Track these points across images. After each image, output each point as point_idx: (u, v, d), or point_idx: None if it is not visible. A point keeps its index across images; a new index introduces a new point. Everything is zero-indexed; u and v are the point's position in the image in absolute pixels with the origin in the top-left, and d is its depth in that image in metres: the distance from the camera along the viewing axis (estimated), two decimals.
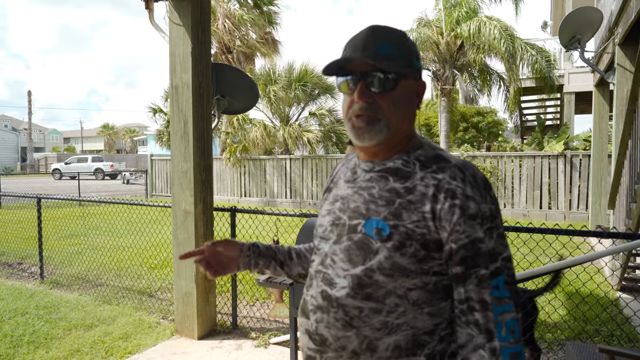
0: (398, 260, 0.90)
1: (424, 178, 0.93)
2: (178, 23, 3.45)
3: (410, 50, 0.99)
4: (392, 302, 0.92)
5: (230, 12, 14.54)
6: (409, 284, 0.91)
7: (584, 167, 9.76)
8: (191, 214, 3.49)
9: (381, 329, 0.92)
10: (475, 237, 0.88)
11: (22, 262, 6.26)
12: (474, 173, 0.92)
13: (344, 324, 0.94)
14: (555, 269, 2.58)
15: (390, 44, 0.96)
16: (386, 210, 0.93)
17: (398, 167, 0.97)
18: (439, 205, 0.89)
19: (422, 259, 0.90)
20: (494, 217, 0.90)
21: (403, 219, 0.91)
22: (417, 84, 1.01)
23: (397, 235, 0.90)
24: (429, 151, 0.98)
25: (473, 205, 0.88)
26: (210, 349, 3.40)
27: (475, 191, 0.89)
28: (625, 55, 5.30)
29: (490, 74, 13.57)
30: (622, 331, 3.55)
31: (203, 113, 3.55)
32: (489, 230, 0.88)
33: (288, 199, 13.34)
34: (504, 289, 0.88)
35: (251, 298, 4.64)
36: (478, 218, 0.88)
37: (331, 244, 1.01)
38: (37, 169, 42.18)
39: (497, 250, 0.89)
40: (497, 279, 0.87)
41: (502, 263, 0.89)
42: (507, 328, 0.86)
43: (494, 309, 0.86)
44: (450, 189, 0.89)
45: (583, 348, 2.35)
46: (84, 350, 3.34)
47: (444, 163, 0.94)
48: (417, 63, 0.99)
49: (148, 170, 16.04)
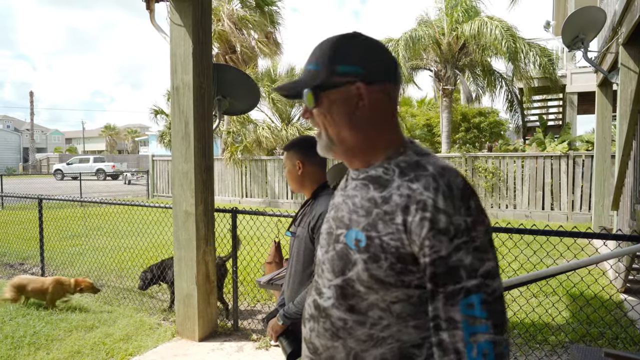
0: (375, 273, 0.87)
1: (400, 187, 0.87)
2: (179, 24, 3.43)
3: (332, 55, 0.92)
4: (376, 315, 0.89)
5: (232, 12, 14.54)
6: (391, 297, 0.88)
7: (587, 168, 9.71)
8: (192, 215, 3.48)
9: (367, 341, 0.90)
10: (444, 254, 0.81)
11: (24, 263, 6.25)
12: (449, 182, 0.84)
13: (331, 334, 0.94)
14: (560, 271, 2.56)
15: (315, 59, 0.94)
16: (365, 220, 0.90)
17: (379, 175, 0.93)
18: (410, 217, 0.83)
19: (400, 272, 0.86)
20: (469, 229, 0.81)
21: (379, 231, 0.87)
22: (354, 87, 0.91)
23: (373, 247, 0.87)
24: (411, 157, 0.92)
25: (444, 218, 0.81)
26: (211, 350, 3.38)
27: (448, 203, 0.82)
28: (629, 55, 5.27)
29: (492, 74, 13.54)
30: (627, 334, 3.51)
31: (204, 114, 3.53)
32: (464, 245, 0.81)
33: (290, 200, 13.32)
34: (481, 309, 0.80)
35: (252, 300, 4.62)
36: (449, 233, 0.81)
37: (323, 252, 1.01)
38: (39, 170, 42.25)
39: (474, 266, 0.81)
40: (471, 297, 0.80)
41: (481, 280, 0.81)
42: (479, 350, 0.78)
43: (465, 328, 0.79)
44: (422, 200, 0.83)
45: (588, 351, 2.32)
46: (85, 351, 3.32)
47: (420, 171, 0.87)
48: (347, 67, 0.92)
49: (149, 171, 16.05)
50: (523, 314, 3.87)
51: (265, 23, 14.88)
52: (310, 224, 1.78)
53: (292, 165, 1.88)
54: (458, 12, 12.47)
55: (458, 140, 14.90)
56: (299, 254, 1.83)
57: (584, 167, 9.78)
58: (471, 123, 15.34)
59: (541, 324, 3.79)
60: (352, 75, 0.92)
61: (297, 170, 1.86)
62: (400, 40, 12.37)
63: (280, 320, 1.77)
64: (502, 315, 0.82)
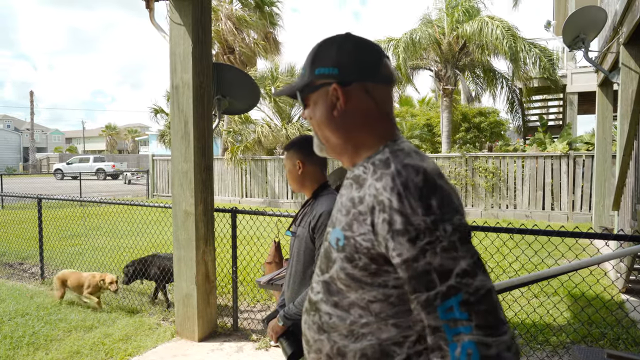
0: (351, 272, 0.89)
1: (370, 186, 0.86)
2: (178, 22, 3.42)
3: (314, 61, 0.95)
4: (357, 313, 0.91)
5: (232, 12, 14.52)
6: (369, 296, 0.89)
7: (587, 168, 9.70)
8: (192, 214, 3.46)
9: (348, 336, 0.92)
10: (408, 257, 0.77)
11: (23, 263, 6.24)
12: (406, 180, 0.80)
13: (318, 327, 0.97)
14: (562, 272, 2.54)
15: (304, 63, 1.00)
16: (345, 220, 0.91)
17: (359, 174, 0.93)
18: (376, 218, 0.82)
19: (374, 272, 0.86)
20: (432, 229, 0.76)
21: (354, 231, 0.88)
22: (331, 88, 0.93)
23: (348, 247, 0.88)
24: (385, 154, 0.90)
25: (399, 219, 0.78)
26: (210, 351, 3.37)
27: (404, 202, 0.78)
28: (630, 55, 5.26)
29: (493, 74, 13.52)
30: (629, 335, 3.50)
31: (204, 113, 3.52)
32: (429, 245, 0.76)
33: (290, 200, 13.31)
34: (461, 311, 0.75)
35: (252, 300, 4.60)
36: (408, 234, 0.77)
37: None
38: (39, 169, 42.24)
39: (446, 266, 0.76)
40: (449, 300, 0.76)
41: (457, 280, 0.76)
42: (463, 350, 0.75)
43: (447, 331, 0.77)
44: (382, 200, 0.81)
45: (590, 353, 2.31)
46: (84, 352, 3.31)
47: (384, 169, 0.85)
48: (323, 70, 0.94)
49: (149, 171, 16.03)
50: (524, 315, 3.86)
51: (265, 23, 14.87)
52: (310, 224, 1.77)
53: (292, 165, 1.88)
54: (459, 12, 12.46)
55: (458, 140, 14.89)
56: (299, 254, 1.82)
57: (584, 167, 9.77)
58: (471, 123, 15.33)
59: (542, 325, 3.78)
60: (328, 77, 0.94)
61: (297, 170, 1.86)
62: (401, 40, 12.36)
63: (281, 321, 1.76)
64: (489, 315, 0.76)
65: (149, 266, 4.42)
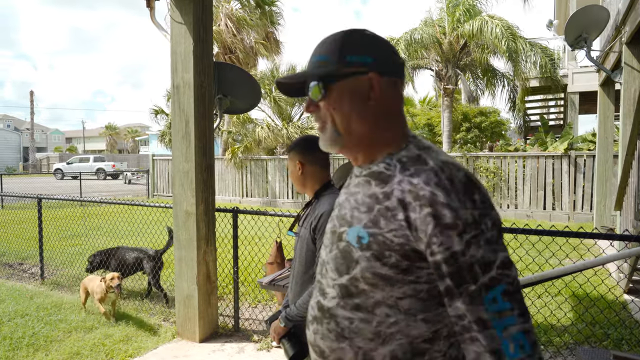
0: (379, 271, 0.85)
1: (401, 182, 0.85)
2: (179, 21, 3.40)
3: (341, 46, 0.91)
4: (383, 313, 0.87)
5: (232, 12, 14.49)
6: (398, 293, 0.85)
7: (588, 168, 9.67)
8: (193, 214, 3.44)
9: (374, 339, 0.87)
10: (456, 250, 0.79)
11: (23, 263, 6.22)
12: (451, 176, 0.82)
13: (336, 335, 0.92)
14: (567, 273, 2.52)
15: (323, 50, 0.93)
16: (366, 217, 0.88)
17: (380, 170, 0.91)
18: (414, 214, 0.81)
19: (406, 269, 0.84)
20: (478, 222, 0.79)
21: (381, 227, 0.84)
22: (366, 78, 0.91)
23: (376, 245, 0.85)
24: (412, 151, 0.90)
25: (449, 213, 0.78)
26: (211, 351, 3.35)
27: (452, 197, 0.79)
28: (633, 55, 5.24)
29: (494, 73, 13.50)
30: (633, 335, 3.48)
31: (205, 113, 3.50)
32: (474, 239, 0.78)
33: (290, 199, 13.29)
34: (504, 301, 0.78)
35: (253, 300, 4.58)
36: (457, 227, 0.78)
37: (328, 252, 0.99)
38: (39, 169, 42.23)
39: (489, 258, 0.79)
40: (493, 291, 0.78)
41: (498, 271, 0.79)
42: (516, 344, 0.77)
43: (496, 326, 0.77)
44: (424, 195, 0.81)
45: (595, 354, 2.29)
46: (84, 353, 3.29)
47: (421, 165, 0.85)
48: (355, 57, 0.91)
49: (150, 170, 16.01)
50: None
51: (266, 23, 14.84)
52: (312, 224, 1.75)
53: (293, 166, 1.87)
54: (459, 11, 12.43)
55: (459, 140, 14.87)
56: (302, 255, 1.81)
57: (585, 167, 9.74)
58: (472, 123, 15.31)
59: (546, 326, 3.75)
60: (362, 65, 0.91)
61: (298, 171, 1.85)
62: (401, 40, 12.34)
63: (282, 322, 1.74)
64: (523, 302, 0.81)
65: (112, 257, 4.59)
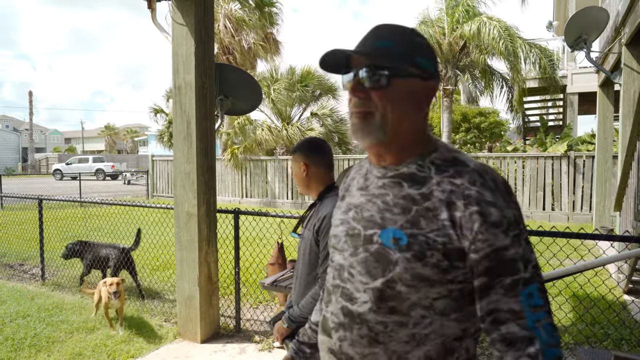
0: (420, 271, 0.86)
1: (440, 183, 0.87)
2: (181, 23, 3.41)
3: (413, 47, 0.92)
4: (418, 314, 0.88)
5: (231, 13, 14.50)
6: (434, 294, 0.87)
7: (588, 168, 9.69)
8: (194, 215, 3.45)
9: (409, 341, 0.88)
10: (500, 246, 0.82)
11: (24, 264, 6.22)
12: (493, 177, 0.86)
13: (369, 340, 0.90)
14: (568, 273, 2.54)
15: (390, 40, 0.92)
16: (402, 218, 0.88)
17: (412, 172, 0.91)
18: (459, 212, 0.84)
19: (445, 268, 0.85)
20: (519, 222, 0.85)
21: (422, 228, 0.86)
22: (425, 84, 0.93)
23: (417, 245, 0.85)
24: (445, 154, 0.92)
25: (495, 212, 0.82)
26: (213, 352, 3.35)
27: (498, 196, 0.84)
28: (632, 56, 5.26)
29: (492, 74, 13.52)
30: (633, 335, 3.49)
31: (206, 113, 3.50)
32: (516, 237, 0.83)
33: (289, 200, 13.29)
34: (539, 297, 0.82)
35: (255, 301, 4.59)
36: (502, 225, 0.82)
37: (347, 255, 0.97)
38: (38, 170, 42.17)
39: (527, 257, 0.83)
40: (530, 287, 0.82)
41: (534, 270, 0.84)
42: (547, 331, 0.81)
43: (529, 317, 0.81)
44: (470, 195, 0.84)
45: (596, 354, 2.30)
46: (86, 353, 3.30)
47: (461, 167, 0.88)
48: (423, 61, 0.92)
49: (149, 171, 15.99)
50: None
51: (265, 23, 14.84)
52: (315, 226, 1.76)
53: (298, 168, 1.88)
54: (459, 12, 12.45)
55: (458, 140, 14.89)
56: (305, 257, 1.82)
57: (584, 167, 9.76)
58: (471, 123, 15.33)
59: None
60: (425, 70, 0.93)
61: (303, 173, 1.85)
62: None
63: (286, 323, 1.75)
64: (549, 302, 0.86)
65: (87, 251, 4.83)
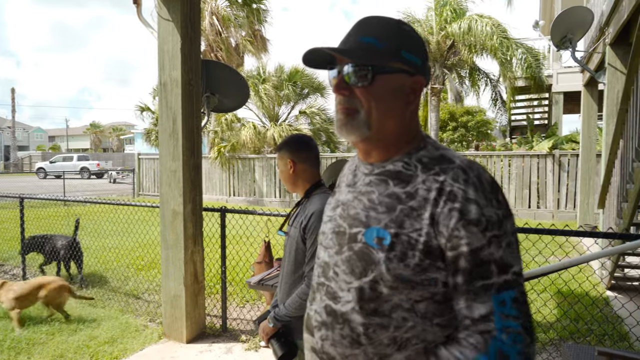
0: (401, 272, 0.83)
1: (425, 181, 0.85)
2: (167, 18, 3.35)
3: (399, 41, 0.88)
4: (400, 317, 0.85)
5: (218, 9, 14.37)
6: (416, 296, 0.84)
7: (572, 167, 9.84)
8: (180, 214, 3.40)
9: (390, 345, 0.86)
10: (477, 246, 0.78)
11: (4, 264, 6.07)
12: (479, 174, 0.83)
13: (350, 341, 0.88)
14: (553, 270, 2.56)
15: (375, 35, 0.88)
16: (387, 217, 0.86)
17: (398, 170, 0.89)
18: (439, 209, 0.81)
19: (426, 269, 0.83)
20: (501, 222, 0.80)
21: (405, 227, 0.83)
22: (412, 80, 0.90)
23: (400, 245, 0.83)
24: (432, 152, 0.90)
25: (475, 209, 0.79)
26: (199, 352, 3.31)
27: (479, 194, 0.80)
28: (616, 55, 5.33)
29: (479, 73, 13.64)
30: (616, 331, 3.55)
31: (192, 111, 3.45)
32: (496, 238, 0.79)
33: (277, 199, 13.24)
34: (512, 306, 0.78)
35: (241, 300, 4.55)
36: (481, 224, 0.78)
37: (333, 253, 0.95)
38: (20, 168, 41.36)
39: (507, 261, 0.79)
40: (504, 293, 0.78)
41: (513, 277, 0.79)
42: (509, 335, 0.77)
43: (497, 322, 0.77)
44: (452, 191, 0.81)
45: (580, 350, 2.32)
46: (68, 355, 3.23)
47: (446, 164, 0.86)
48: (409, 55, 0.88)
49: (135, 169, 15.79)
50: None
51: (252, 20, 14.75)
52: (302, 224, 1.73)
53: (284, 165, 1.84)
54: (447, 10, 12.51)
55: (446, 139, 15.00)
56: (291, 255, 1.79)
57: (569, 166, 9.91)
58: (459, 122, 15.46)
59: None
60: (412, 65, 0.90)
61: (289, 170, 1.82)
62: None
63: (271, 323, 1.72)
64: (530, 319, 0.80)
65: (45, 244, 5.08)
